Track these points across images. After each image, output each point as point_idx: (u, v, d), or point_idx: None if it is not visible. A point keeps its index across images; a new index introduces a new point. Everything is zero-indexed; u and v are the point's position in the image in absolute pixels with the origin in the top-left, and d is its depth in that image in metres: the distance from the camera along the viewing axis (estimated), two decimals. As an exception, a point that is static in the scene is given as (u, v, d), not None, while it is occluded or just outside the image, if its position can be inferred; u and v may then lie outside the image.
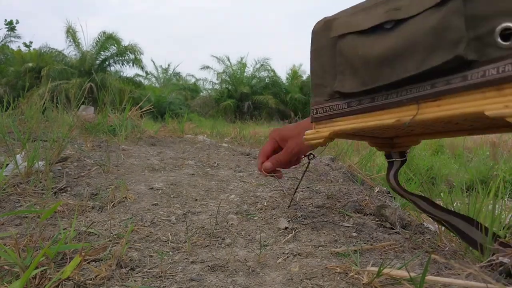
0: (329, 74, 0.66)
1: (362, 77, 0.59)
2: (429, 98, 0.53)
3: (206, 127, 3.37)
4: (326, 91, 0.66)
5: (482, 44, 0.48)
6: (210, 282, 0.59)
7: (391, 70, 0.55)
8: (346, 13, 0.65)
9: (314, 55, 0.69)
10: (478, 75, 0.48)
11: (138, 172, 1.22)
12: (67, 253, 0.65)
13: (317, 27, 0.69)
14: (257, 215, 0.89)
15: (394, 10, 0.56)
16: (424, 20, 0.52)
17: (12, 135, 1.48)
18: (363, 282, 0.57)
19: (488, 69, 0.47)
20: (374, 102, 0.59)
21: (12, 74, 15.85)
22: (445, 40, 0.50)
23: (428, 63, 0.51)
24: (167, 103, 16.90)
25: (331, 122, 0.66)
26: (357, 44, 0.60)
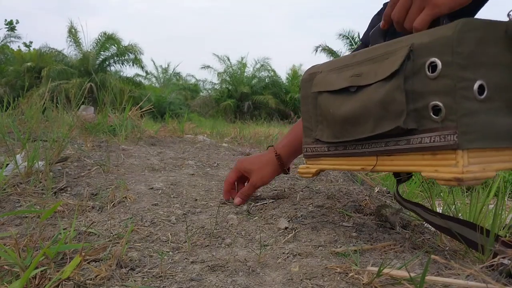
0: (313, 120, 0.77)
1: (334, 131, 0.70)
2: (385, 154, 0.63)
3: (206, 127, 3.37)
4: (312, 134, 0.78)
5: (419, 115, 0.57)
6: (210, 282, 0.59)
7: (354, 129, 0.66)
8: (326, 67, 0.75)
9: (302, 101, 0.80)
10: (417, 141, 0.57)
11: (138, 172, 1.22)
12: (67, 253, 0.65)
13: (304, 78, 0.80)
14: (257, 215, 0.89)
15: (356, 76, 0.65)
16: (375, 90, 0.61)
17: (12, 135, 1.48)
18: (363, 282, 0.57)
19: (423, 137, 0.56)
20: (346, 150, 0.70)
21: (12, 74, 15.84)
22: (389, 111, 0.59)
23: (378, 129, 0.61)
24: (167, 103, 16.90)
25: (317, 161, 0.79)
26: (329, 102, 0.70)
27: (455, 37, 0.52)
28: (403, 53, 0.58)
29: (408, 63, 0.57)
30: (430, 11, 0.59)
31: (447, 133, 0.53)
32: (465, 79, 0.52)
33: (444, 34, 0.53)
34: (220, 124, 4.75)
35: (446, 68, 0.53)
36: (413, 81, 0.57)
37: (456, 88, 0.52)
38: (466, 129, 0.52)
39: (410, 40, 0.58)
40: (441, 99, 0.54)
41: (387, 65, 0.60)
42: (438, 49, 0.54)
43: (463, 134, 0.52)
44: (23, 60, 16.55)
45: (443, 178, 0.54)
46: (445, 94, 0.53)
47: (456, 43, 0.52)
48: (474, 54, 0.53)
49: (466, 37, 0.52)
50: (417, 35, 0.58)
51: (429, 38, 0.55)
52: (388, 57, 0.61)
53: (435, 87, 0.54)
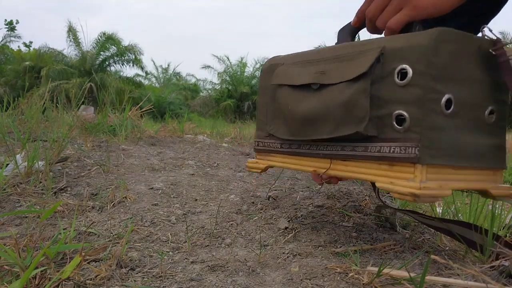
0: (269, 113, 0.73)
1: (291, 128, 0.67)
2: (339, 158, 0.61)
3: (206, 127, 3.37)
4: (265, 128, 0.74)
5: (382, 123, 0.54)
6: (210, 282, 0.59)
7: (312, 129, 0.62)
8: (290, 60, 0.71)
9: (260, 92, 0.77)
10: (375, 149, 0.55)
11: (138, 172, 1.22)
12: (67, 253, 0.65)
13: (264, 68, 0.76)
14: (257, 215, 0.89)
15: (320, 73, 0.62)
16: (339, 91, 0.58)
17: (12, 135, 1.48)
18: (363, 282, 0.57)
19: (383, 146, 0.54)
20: (299, 149, 0.67)
21: (11, 74, 15.84)
22: (351, 115, 0.56)
23: (337, 132, 0.58)
24: (167, 103, 16.90)
25: (268, 157, 0.76)
26: (289, 97, 0.67)
27: (431, 46, 0.50)
28: (373, 56, 0.55)
29: (377, 67, 0.54)
30: (408, 12, 0.57)
31: (408, 145, 0.51)
32: (435, 91, 0.50)
33: (419, 42, 0.51)
34: (220, 124, 4.74)
35: (418, 77, 0.51)
36: (380, 86, 0.54)
37: (425, 99, 0.50)
38: (429, 143, 0.50)
39: (382, 42, 0.56)
40: (407, 108, 0.51)
41: (355, 66, 0.57)
42: (412, 56, 0.51)
43: (425, 148, 0.50)
44: (23, 60, 16.55)
45: (398, 192, 0.52)
46: (412, 104, 0.51)
47: (431, 53, 0.50)
48: (447, 67, 0.51)
49: (442, 47, 0.50)
50: (389, 38, 0.56)
51: (403, 43, 0.53)
52: (356, 57, 0.58)
53: (403, 95, 0.52)
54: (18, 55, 17.43)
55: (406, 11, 0.57)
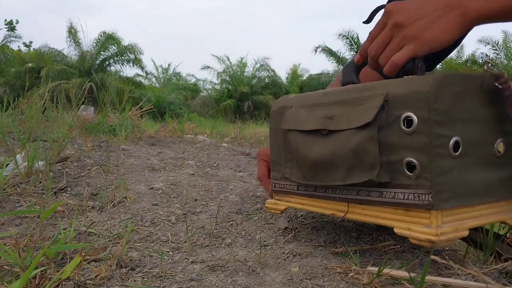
0: (282, 156, 0.73)
1: (304, 173, 0.67)
2: (356, 202, 0.61)
3: (206, 127, 3.37)
4: (280, 170, 0.74)
5: (393, 169, 0.54)
6: (210, 282, 0.59)
7: (324, 175, 0.63)
8: (298, 102, 0.71)
9: (271, 133, 0.77)
10: (390, 195, 0.55)
11: (138, 172, 1.22)
12: (67, 253, 0.65)
13: (274, 110, 0.76)
14: (257, 215, 0.90)
15: (328, 118, 0.62)
16: (348, 138, 0.58)
17: (12, 135, 1.48)
18: (363, 282, 0.57)
19: (397, 192, 0.54)
20: (316, 192, 0.67)
21: (11, 74, 15.84)
22: (362, 162, 0.57)
23: (350, 179, 0.59)
24: (167, 103, 16.90)
25: (286, 197, 0.75)
26: (300, 142, 0.67)
27: (432, 92, 0.50)
28: (377, 103, 0.55)
29: (382, 114, 0.55)
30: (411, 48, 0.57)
31: (421, 191, 0.51)
32: (441, 136, 0.51)
33: (420, 89, 0.51)
34: (220, 124, 4.75)
35: (422, 125, 0.51)
36: (387, 132, 0.55)
37: (431, 145, 0.50)
38: (441, 188, 0.50)
39: (385, 88, 0.56)
40: (416, 156, 0.52)
41: (360, 112, 0.57)
42: (414, 104, 0.52)
43: (437, 194, 0.50)
44: (23, 60, 16.55)
45: (417, 238, 0.52)
46: (420, 151, 0.51)
47: (433, 99, 0.50)
48: (451, 110, 0.51)
49: (443, 92, 0.51)
50: (391, 84, 0.56)
51: (405, 90, 0.53)
52: (361, 103, 0.58)
53: (410, 143, 0.52)
54: (18, 55, 17.43)
55: (410, 47, 0.57)
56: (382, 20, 0.61)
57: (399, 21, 0.57)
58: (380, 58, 0.60)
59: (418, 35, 0.56)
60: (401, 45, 0.58)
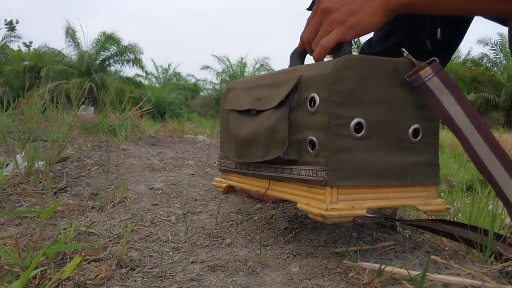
0: (226, 134, 0.77)
1: (236, 151, 0.71)
2: (274, 179, 0.65)
3: (206, 127, 3.37)
4: (224, 149, 0.78)
5: (300, 147, 0.57)
6: (210, 282, 0.59)
7: (249, 152, 0.67)
8: (241, 85, 0.75)
9: (220, 114, 0.81)
10: (296, 172, 0.58)
11: (138, 172, 1.22)
12: (67, 253, 0.65)
13: (223, 92, 0.80)
14: (257, 215, 0.89)
15: (257, 99, 0.66)
16: (267, 117, 0.62)
17: (12, 135, 1.48)
18: (363, 282, 0.57)
19: (301, 169, 0.57)
20: (247, 170, 0.71)
21: (11, 74, 15.84)
22: (275, 140, 0.60)
23: (266, 156, 0.62)
24: (167, 103, 16.90)
25: (229, 176, 0.81)
26: (234, 121, 0.72)
27: (333, 74, 0.52)
28: (291, 84, 0.58)
29: (295, 95, 0.57)
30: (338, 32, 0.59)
31: (318, 168, 0.54)
32: (341, 117, 0.52)
33: (324, 71, 0.54)
34: (220, 124, 4.75)
35: (323, 105, 0.53)
36: (297, 113, 0.57)
37: (329, 125, 0.52)
38: (337, 166, 0.52)
39: (302, 71, 0.59)
40: (316, 134, 0.54)
41: (279, 93, 0.60)
42: (318, 85, 0.54)
43: (333, 171, 0.52)
44: (22, 60, 16.54)
45: (312, 212, 0.54)
46: (320, 129, 0.53)
47: (333, 81, 0.52)
48: (354, 92, 0.53)
49: (346, 74, 0.52)
50: (308, 67, 0.59)
51: (314, 72, 0.56)
52: (282, 85, 0.61)
53: (313, 122, 0.55)
54: (17, 55, 17.43)
55: (337, 31, 0.59)
56: (315, 7, 0.63)
57: (326, 7, 0.60)
58: (313, 43, 0.62)
59: (345, 19, 0.58)
60: (329, 29, 0.60)
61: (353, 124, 0.53)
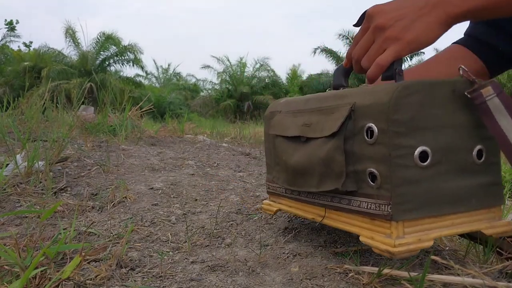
0: (273, 160, 0.74)
1: (287, 178, 0.68)
2: (331, 208, 0.62)
3: (206, 127, 3.37)
4: (272, 173, 0.76)
5: (359, 178, 0.54)
6: (210, 282, 0.59)
7: (303, 181, 0.64)
8: (285, 108, 0.72)
9: (265, 137, 0.78)
10: (356, 203, 0.55)
11: (138, 172, 1.22)
12: (67, 253, 0.65)
13: (266, 115, 0.78)
14: (257, 215, 0.90)
15: (306, 126, 0.63)
16: (319, 146, 0.59)
17: (12, 135, 1.48)
18: (363, 282, 0.57)
19: (362, 201, 0.54)
20: (300, 196, 0.69)
21: (11, 74, 15.84)
22: (330, 171, 0.57)
23: (322, 187, 0.60)
24: (167, 103, 16.90)
25: (278, 200, 0.77)
26: (283, 148, 0.69)
27: (391, 104, 0.49)
28: (344, 113, 0.55)
29: (349, 123, 0.55)
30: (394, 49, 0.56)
31: (381, 202, 0.51)
32: (402, 147, 0.49)
33: (381, 100, 0.50)
34: (220, 124, 4.74)
35: (382, 135, 0.50)
36: (353, 142, 0.55)
37: (391, 156, 0.49)
38: (402, 199, 0.50)
39: (354, 97, 0.56)
40: (377, 166, 0.51)
41: (331, 121, 0.57)
42: (375, 114, 0.51)
43: (398, 205, 0.49)
44: (22, 60, 16.54)
45: (378, 248, 0.51)
46: (380, 161, 0.51)
47: (392, 111, 0.49)
48: (415, 120, 0.50)
49: (405, 103, 0.49)
50: (360, 92, 0.55)
51: (369, 100, 0.53)
52: (333, 111, 0.58)
53: (372, 153, 0.52)
54: (17, 55, 17.43)
55: (393, 49, 0.56)
56: (364, 24, 0.61)
57: (380, 23, 0.57)
58: (363, 61, 0.60)
59: (400, 36, 0.56)
60: (383, 47, 0.57)
61: (417, 153, 0.50)
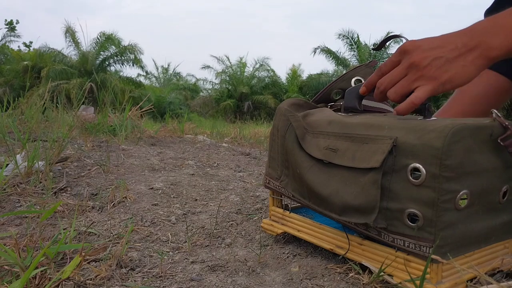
0: (280, 158, 0.71)
1: (300, 190, 0.66)
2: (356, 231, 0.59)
3: (206, 127, 3.37)
4: (277, 170, 0.72)
5: (392, 216, 0.53)
6: (210, 282, 0.59)
7: (320, 203, 0.61)
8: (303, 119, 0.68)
9: (273, 129, 0.73)
10: (388, 238, 0.54)
11: (138, 172, 1.22)
12: (67, 253, 0.65)
13: (282, 107, 0.72)
14: (257, 215, 0.89)
15: (332, 150, 0.61)
16: (350, 177, 0.57)
17: (12, 135, 1.48)
18: (363, 282, 0.57)
19: (396, 238, 0.53)
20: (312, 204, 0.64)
21: (11, 74, 15.84)
22: (360, 205, 0.55)
23: (346, 217, 0.57)
24: (167, 103, 16.90)
25: (285, 222, 0.73)
26: (299, 160, 0.65)
27: (444, 149, 0.48)
28: (385, 148, 0.53)
29: (389, 159, 0.53)
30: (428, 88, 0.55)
31: (422, 244, 0.50)
32: (449, 191, 0.49)
33: (431, 143, 0.49)
34: (220, 124, 4.74)
35: (431, 179, 0.49)
36: (391, 179, 0.53)
37: (439, 201, 0.49)
38: (444, 242, 0.49)
39: (394, 131, 0.54)
40: (421, 208, 0.50)
41: (367, 153, 0.55)
42: (425, 157, 0.50)
43: (439, 248, 0.49)
44: (22, 60, 16.54)
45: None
46: (426, 205, 0.50)
47: (444, 156, 0.48)
48: (461, 165, 0.50)
49: (455, 148, 0.49)
50: (400, 127, 0.54)
51: (416, 139, 0.51)
52: (367, 142, 0.56)
53: (416, 195, 0.50)
54: (17, 55, 17.43)
55: (427, 88, 0.55)
56: (396, 57, 0.59)
57: (416, 61, 0.56)
58: (390, 93, 0.59)
59: (436, 76, 0.55)
60: (416, 84, 0.56)
61: (459, 197, 0.50)
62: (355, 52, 15.99)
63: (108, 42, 16.31)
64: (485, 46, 0.55)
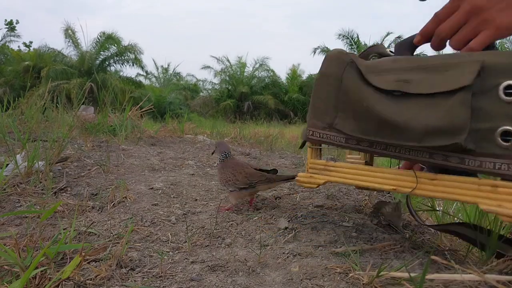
0: (331, 104, 0.68)
1: (363, 126, 0.63)
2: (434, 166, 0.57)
3: (206, 127, 3.36)
4: (325, 119, 0.69)
5: (480, 137, 0.52)
6: (210, 282, 0.59)
7: (394, 134, 0.59)
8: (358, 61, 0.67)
9: (321, 79, 0.70)
10: (474, 163, 0.53)
11: (138, 172, 1.22)
12: (67, 253, 0.65)
13: (332, 55, 0.70)
14: (257, 215, 0.89)
15: (404, 82, 0.60)
16: (431, 102, 0.56)
17: (12, 135, 1.48)
18: (363, 282, 0.57)
19: (485, 161, 0.52)
20: (372, 148, 0.62)
21: (11, 74, 15.84)
22: (448, 126, 0.54)
23: (428, 142, 0.55)
24: (167, 103, 16.89)
25: (327, 173, 0.69)
26: (364, 94, 0.63)
27: None
28: (473, 69, 0.53)
29: (476, 80, 0.53)
30: (491, 34, 0.55)
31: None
32: None
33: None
34: (220, 124, 4.73)
35: None
36: (480, 99, 0.53)
37: None
38: None
39: (479, 56, 0.54)
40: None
41: (450, 77, 0.55)
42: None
43: None
44: (22, 60, 16.54)
45: (509, 215, 0.49)
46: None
47: None
48: None
49: None
50: (486, 53, 0.55)
51: (506, 59, 0.52)
52: (447, 69, 0.56)
53: (509, 111, 0.51)
54: (17, 55, 17.42)
55: (488, 34, 0.56)
56: (453, 3, 0.59)
57: (479, 4, 0.56)
58: (452, 40, 0.59)
59: (497, 19, 0.55)
60: (478, 30, 0.57)
61: None
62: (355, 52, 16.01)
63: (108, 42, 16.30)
64: None
